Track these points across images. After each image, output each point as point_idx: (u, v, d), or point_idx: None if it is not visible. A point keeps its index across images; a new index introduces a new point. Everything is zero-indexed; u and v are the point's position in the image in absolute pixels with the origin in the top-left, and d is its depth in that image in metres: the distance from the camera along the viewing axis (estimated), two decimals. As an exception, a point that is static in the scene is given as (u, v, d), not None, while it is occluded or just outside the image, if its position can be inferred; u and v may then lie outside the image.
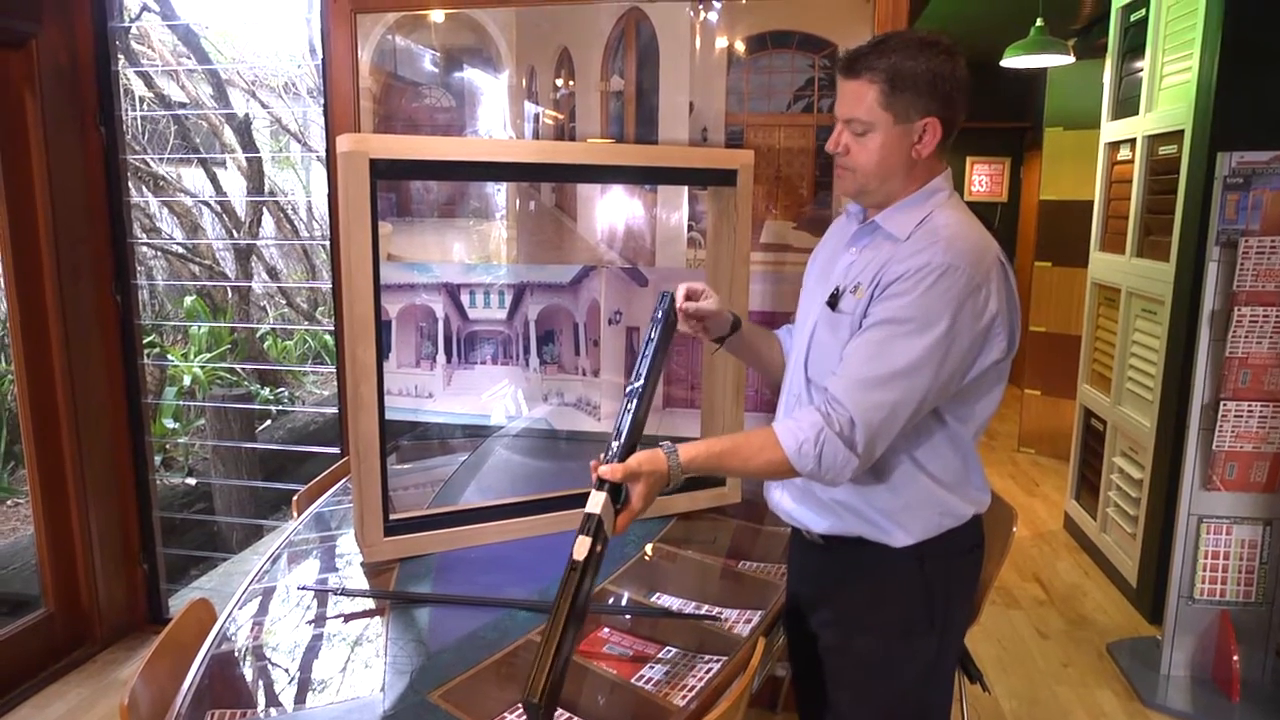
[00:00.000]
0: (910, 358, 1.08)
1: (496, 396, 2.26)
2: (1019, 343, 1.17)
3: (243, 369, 4.93)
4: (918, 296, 1.08)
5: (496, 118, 2.18)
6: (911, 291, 1.09)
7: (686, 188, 2.10)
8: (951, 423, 1.18)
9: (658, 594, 1.46)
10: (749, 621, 1.36)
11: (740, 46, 2.02)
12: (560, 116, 2.15)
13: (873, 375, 1.09)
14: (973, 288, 1.08)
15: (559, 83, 2.14)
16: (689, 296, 1.35)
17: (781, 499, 1.32)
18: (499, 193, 2.22)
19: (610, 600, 1.45)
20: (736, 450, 1.16)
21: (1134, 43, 3.28)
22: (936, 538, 1.20)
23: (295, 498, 1.91)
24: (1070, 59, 3.93)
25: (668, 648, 1.28)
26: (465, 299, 2.23)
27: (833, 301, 1.20)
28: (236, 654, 1.26)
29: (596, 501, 1.12)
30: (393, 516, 1.58)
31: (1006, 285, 1.13)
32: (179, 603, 2.89)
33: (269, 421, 4.88)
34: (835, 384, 1.12)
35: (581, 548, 1.08)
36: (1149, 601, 2.93)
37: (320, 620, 1.37)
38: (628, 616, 1.39)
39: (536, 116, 2.16)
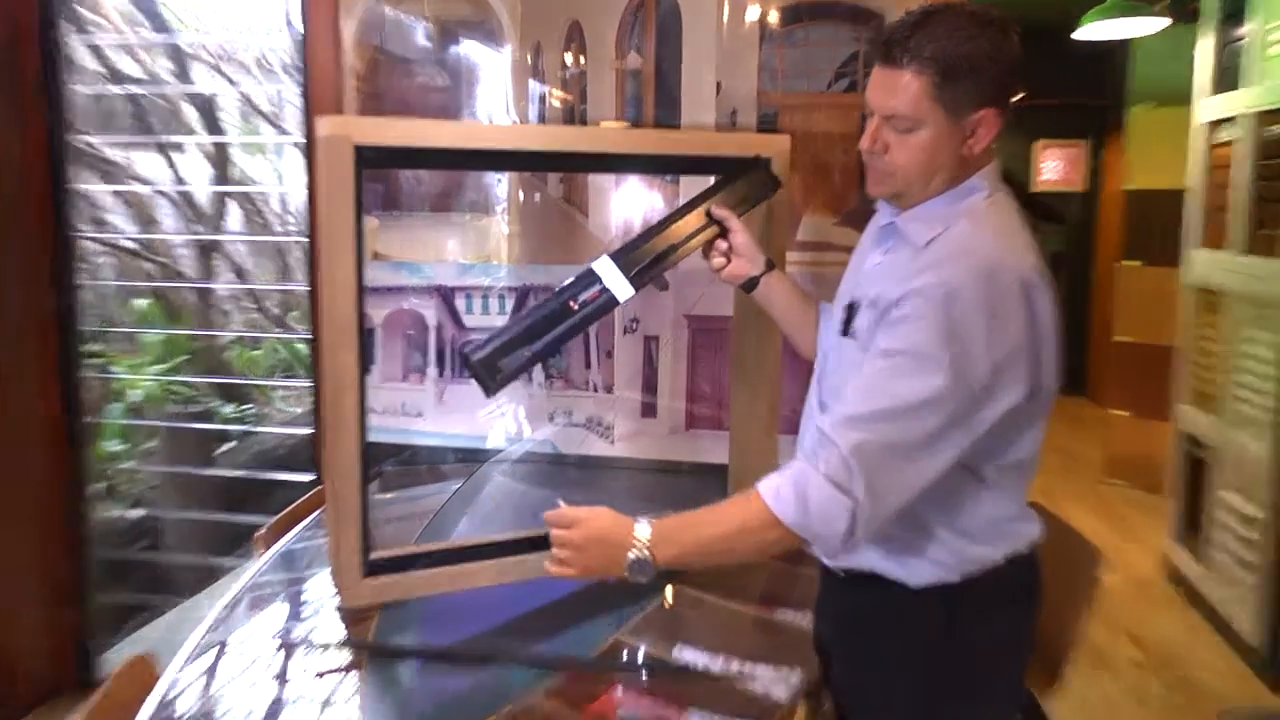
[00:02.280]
0: (910, 396, 1.08)
1: (495, 415, 2.28)
2: (1055, 380, 1.15)
3: (202, 383, 4.98)
4: (918, 325, 1.09)
5: (498, 99, 2.21)
6: (912, 318, 1.09)
7: (713, 178, 2.11)
8: (984, 472, 1.18)
9: (679, 647, 1.47)
10: (788, 681, 1.36)
11: (774, 18, 2.04)
12: (570, 98, 2.18)
13: (864, 411, 1.10)
14: (985, 314, 1.07)
15: (568, 60, 2.16)
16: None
17: None
18: (500, 184, 2.25)
19: (623, 655, 1.46)
20: (713, 513, 1.20)
21: (1236, 3, 3.26)
22: (967, 582, 1.21)
23: (259, 533, 1.93)
24: (1164, 21, 3.89)
25: (692, 712, 1.29)
26: (461, 304, 2.26)
27: (848, 317, 1.21)
28: None
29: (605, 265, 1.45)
30: (374, 555, 1.60)
31: (1030, 311, 1.10)
32: (117, 658, 2.90)
33: (231, 444, 4.91)
34: (826, 420, 1.14)
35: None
36: (1271, 664, 2.89)
37: (286, 678, 1.39)
38: (644, 675, 1.40)
39: (543, 98, 2.18)
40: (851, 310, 1.22)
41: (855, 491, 1.09)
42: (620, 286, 1.46)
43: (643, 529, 1.20)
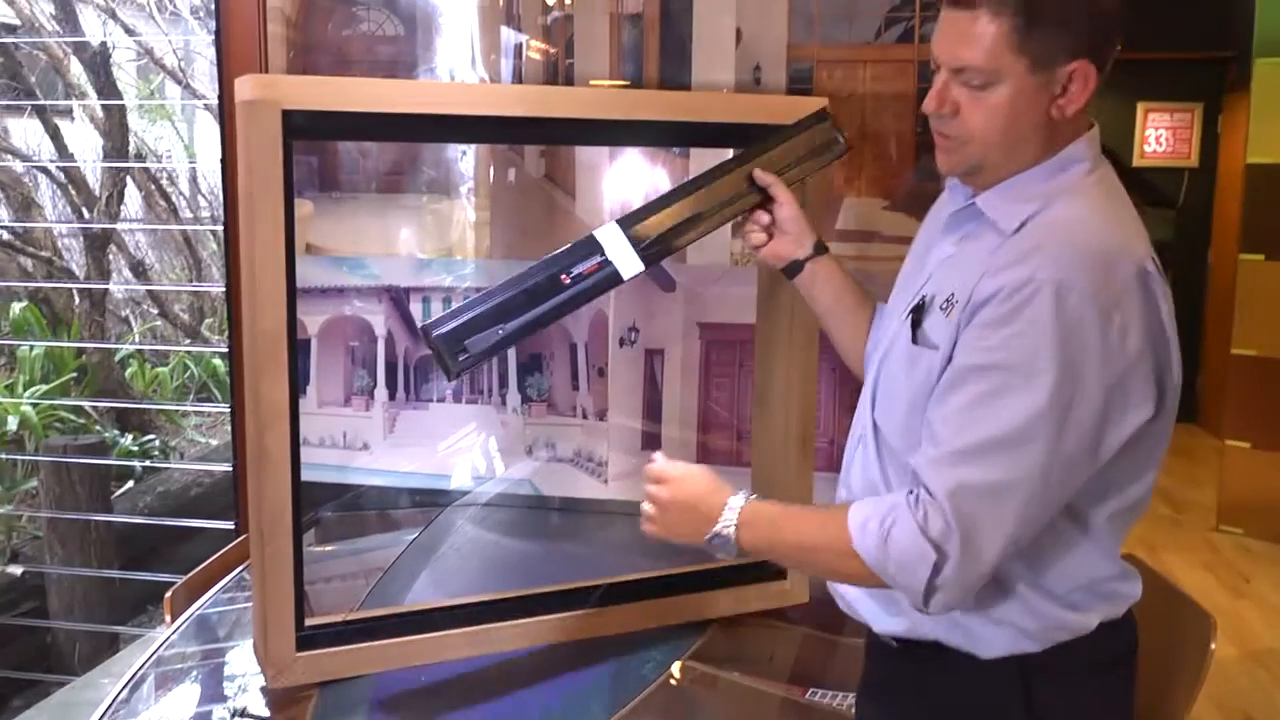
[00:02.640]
0: (1013, 421, 1.08)
1: (460, 448, 2.29)
2: (1176, 397, 1.16)
3: (94, 407, 4.98)
4: (1015, 331, 1.09)
5: (462, 51, 2.22)
6: (1007, 323, 1.09)
7: (731, 152, 2.12)
8: (1092, 518, 1.19)
9: (691, 737, 1.47)
10: (823, 778, 1.37)
11: (809, -51, 2.06)
12: (553, 50, 2.19)
13: (960, 446, 1.11)
14: (1097, 316, 1.08)
15: (550, 1, 2.18)
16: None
17: (845, 587, 1.35)
18: (464, 158, 2.26)
19: (622, 745, 1.46)
20: (803, 517, 1.28)
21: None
22: (1046, 651, 1.21)
23: (169, 594, 1.94)
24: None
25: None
26: (417, 309, 2.27)
27: (916, 317, 1.22)
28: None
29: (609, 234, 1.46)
30: (310, 621, 1.60)
31: (1150, 310, 1.11)
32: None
33: (131, 483, 4.92)
34: (919, 460, 1.15)
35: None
36: None
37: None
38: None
39: (519, 49, 2.20)
40: (920, 312, 1.23)
41: (947, 545, 1.10)
42: (627, 260, 1.47)
43: (736, 502, 1.26)
